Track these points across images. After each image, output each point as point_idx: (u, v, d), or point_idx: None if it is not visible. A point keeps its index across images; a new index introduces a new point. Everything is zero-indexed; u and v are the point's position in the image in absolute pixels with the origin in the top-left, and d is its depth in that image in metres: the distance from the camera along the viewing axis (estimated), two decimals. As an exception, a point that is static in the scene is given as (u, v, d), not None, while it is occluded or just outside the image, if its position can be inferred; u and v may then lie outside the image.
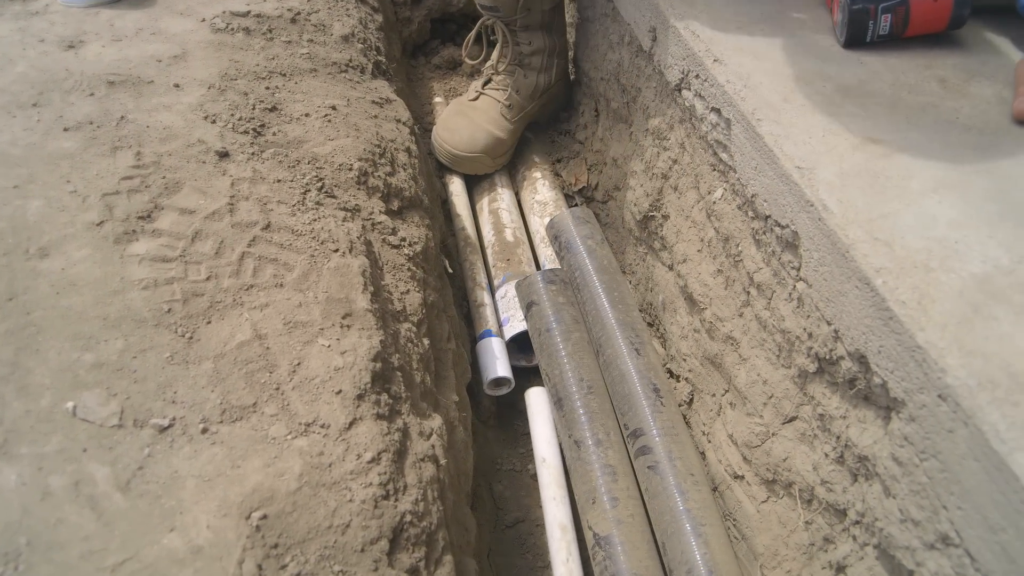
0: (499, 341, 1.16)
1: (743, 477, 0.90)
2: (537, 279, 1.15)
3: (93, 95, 0.88)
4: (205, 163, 0.82)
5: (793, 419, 0.81)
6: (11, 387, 0.59)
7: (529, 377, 1.19)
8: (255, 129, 0.89)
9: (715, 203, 0.93)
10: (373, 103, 1.06)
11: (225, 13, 1.08)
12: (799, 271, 0.75)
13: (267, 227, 0.77)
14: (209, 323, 0.67)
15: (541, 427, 1.05)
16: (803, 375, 0.77)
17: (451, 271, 1.16)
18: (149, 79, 0.93)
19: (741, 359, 0.90)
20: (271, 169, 0.84)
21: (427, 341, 0.85)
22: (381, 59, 1.22)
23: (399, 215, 0.95)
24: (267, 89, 0.97)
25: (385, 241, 0.87)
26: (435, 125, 1.48)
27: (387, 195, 0.93)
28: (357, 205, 0.86)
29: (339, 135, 0.94)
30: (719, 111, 0.88)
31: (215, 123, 0.88)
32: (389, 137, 1.02)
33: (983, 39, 0.94)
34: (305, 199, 0.82)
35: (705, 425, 1.01)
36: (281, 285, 0.72)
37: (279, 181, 0.83)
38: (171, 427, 0.60)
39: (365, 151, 0.94)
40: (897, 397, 0.61)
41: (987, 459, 0.52)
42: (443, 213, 1.37)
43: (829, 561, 0.75)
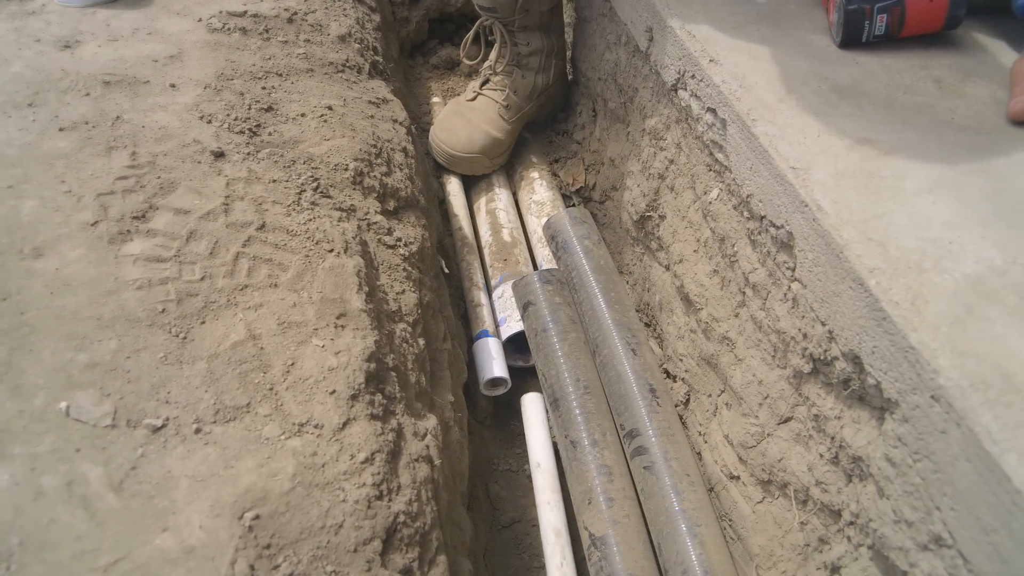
0: (496, 341, 1.16)
1: (739, 478, 0.90)
2: (534, 279, 1.15)
3: (89, 95, 0.88)
4: (200, 163, 0.82)
5: (788, 420, 0.81)
6: (4, 387, 0.59)
7: (526, 377, 1.19)
8: (251, 129, 0.89)
9: (711, 203, 0.93)
10: (370, 103, 1.06)
11: (222, 13, 1.08)
12: (794, 271, 0.75)
13: (262, 227, 0.77)
14: (203, 323, 0.67)
15: (536, 432, 1.05)
16: (798, 376, 0.77)
17: (447, 271, 1.16)
18: (145, 79, 0.93)
19: (737, 359, 0.90)
20: (266, 169, 0.84)
21: (422, 341, 0.85)
22: (378, 59, 1.21)
23: (395, 215, 0.95)
24: (263, 89, 0.97)
25: (381, 241, 0.87)
26: (432, 125, 1.48)
27: (383, 195, 0.93)
28: (352, 205, 0.86)
29: (335, 135, 0.94)
30: (715, 111, 0.88)
31: (211, 123, 0.88)
32: (385, 137, 1.02)
33: (979, 39, 0.94)
34: (300, 199, 0.82)
35: (701, 425, 1.01)
36: (275, 285, 0.72)
37: (274, 181, 0.83)
38: (164, 427, 0.60)
39: (361, 151, 0.94)
40: (891, 398, 0.61)
41: (979, 460, 0.52)
42: (440, 213, 1.37)
43: (824, 562, 0.75)
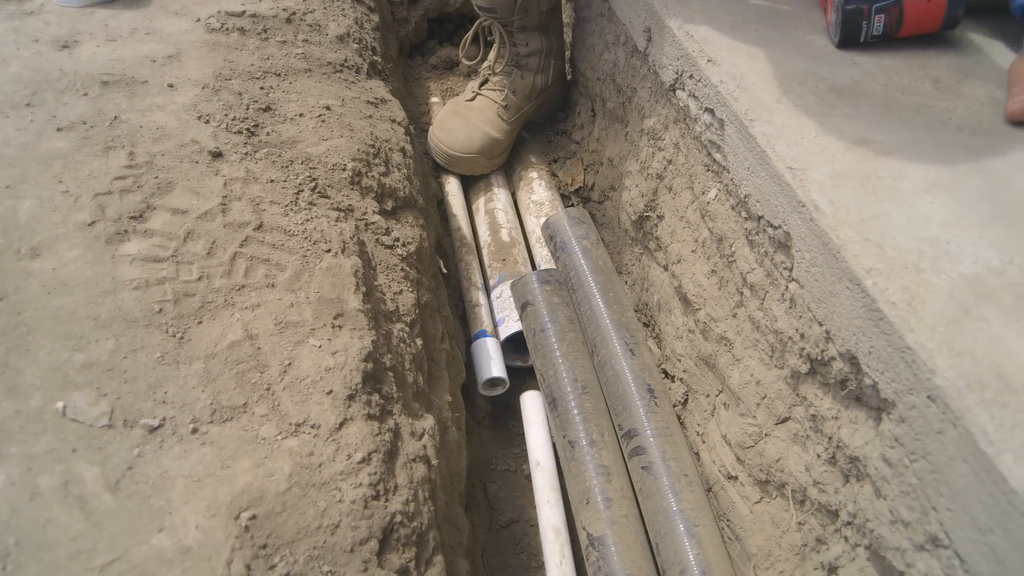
0: (494, 341, 1.16)
1: (736, 478, 0.90)
2: (532, 279, 1.15)
3: (87, 95, 0.88)
4: (198, 163, 0.82)
5: (786, 420, 0.81)
6: (1, 387, 0.59)
7: (524, 377, 1.19)
8: (249, 129, 0.89)
9: (709, 203, 0.93)
10: (368, 103, 1.06)
11: (220, 13, 1.08)
12: (791, 272, 0.75)
13: (259, 227, 0.77)
14: (200, 323, 0.68)
15: (535, 431, 1.05)
16: (795, 376, 0.77)
17: (445, 271, 1.16)
18: (143, 79, 0.93)
19: (735, 359, 0.90)
20: (264, 169, 0.84)
21: (420, 341, 0.85)
22: (377, 59, 1.21)
23: (393, 215, 0.95)
24: (261, 89, 0.97)
25: (378, 241, 0.87)
26: (431, 125, 1.48)
27: (381, 195, 0.93)
28: (350, 205, 0.86)
29: (333, 135, 0.94)
30: (713, 111, 0.88)
31: (209, 123, 0.88)
32: (384, 137, 1.02)
33: (977, 40, 0.94)
34: (298, 199, 0.82)
35: (699, 425, 1.01)
36: (273, 285, 0.72)
37: (272, 181, 0.83)
38: (161, 427, 0.60)
39: (359, 151, 0.94)
40: (887, 398, 0.61)
41: (975, 460, 0.52)
42: (439, 213, 1.37)
43: (821, 562, 0.75)
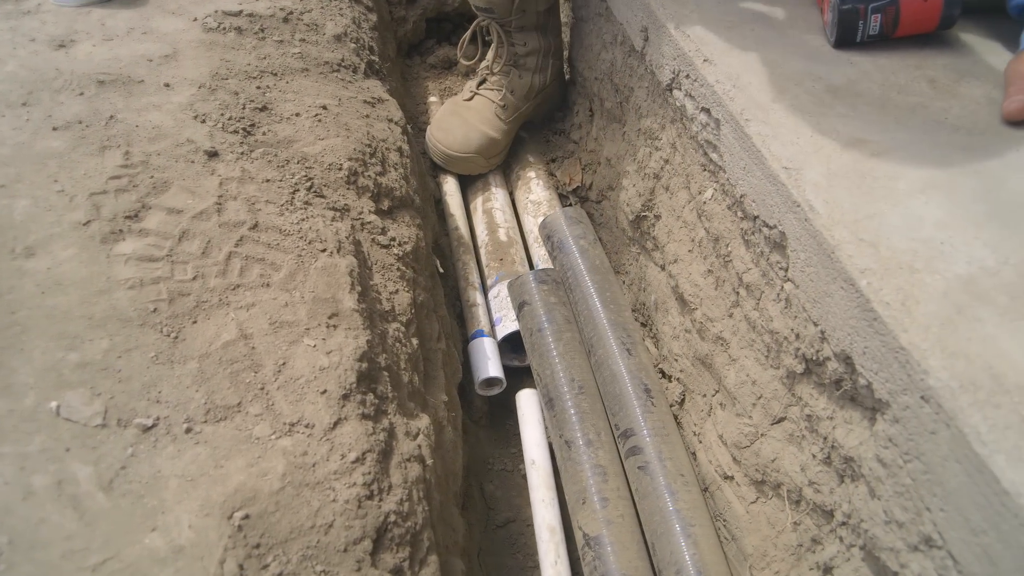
0: (491, 341, 1.16)
1: (733, 478, 0.90)
2: (529, 279, 1.15)
3: (83, 94, 0.88)
4: (194, 162, 0.82)
5: (782, 420, 0.81)
6: (-5, 386, 0.59)
7: (521, 377, 1.19)
8: (245, 129, 0.89)
9: (705, 203, 0.93)
10: (365, 103, 1.06)
11: (217, 12, 1.08)
12: (787, 272, 0.75)
13: (255, 227, 0.77)
14: (195, 323, 0.67)
15: (531, 430, 1.05)
16: (791, 376, 0.77)
17: (442, 271, 1.16)
18: (139, 78, 0.93)
19: (731, 359, 0.90)
20: (260, 169, 0.84)
21: (416, 341, 0.85)
22: (374, 59, 1.21)
23: (389, 215, 0.95)
24: (258, 88, 0.97)
25: (374, 241, 0.87)
26: (429, 125, 1.48)
27: (377, 195, 0.93)
28: (346, 205, 0.86)
29: (329, 135, 0.94)
30: (709, 111, 0.88)
31: (205, 122, 0.88)
32: (380, 137, 1.02)
33: (974, 40, 0.94)
34: (294, 199, 0.82)
35: (696, 425, 1.01)
36: (268, 285, 0.72)
37: (268, 181, 0.83)
38: (155, 427, 0.60)
39: (355, 151, 0.94)
40: (881, 398, 0.61)
41: (968, 461, 0.51)
42: (436, 213, 1.37)
43: (817, 562, 0.75)
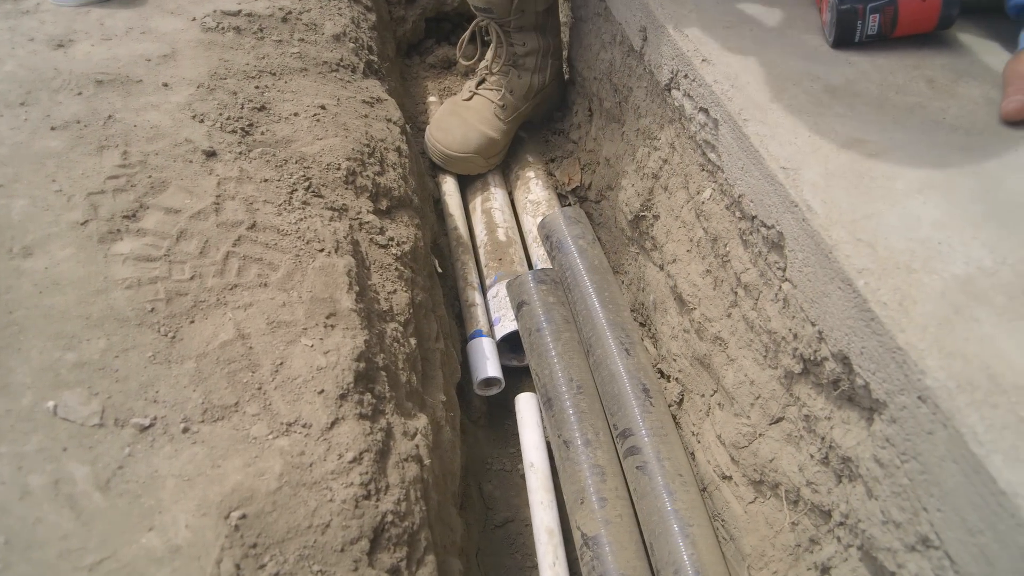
0: (490, 341, 1.16)
1: (731, 478, 0.90)
2: (528, 279, 1.15)
3: (81, 94, 0.88)
4: (192, 162, 0.82)
5: (780, 420, 0.81)
6: (-8, 386, 0.59)
7: (520, 377, 1.19)
8: (243, 128, 0.89)
9: (704, 203, 0.93)
10: (364, 102, 1.06)
11: (216, 12, 1.08)
12: (785, 272, 0.75)
13: (252, 227, 0.77)
14: (192, 322, 0.67)
15: (530, 433, 1.05)
16: (789, 376, 0.77)
17: (441, 271, 1.16)
18: (138, 78, 0.93)
19: (729, 359, 0.90)
20: (258, 168, 0.84)
21: (414, 341, 0.85)
22: (373, 58, 1.21)
23: (387, 215, 0.95)
24: (256, 88, 0.97)
25: (372, 241, 0.87)
26: (428, 125, 1.48)
27: (375, 195, 0.93)
28: (344, 205, 0.86)
29: (328, 134, 0.94)
30: (707, 111, 0.88)
31: (203, 122, 0.88)
32: (379, 136, 1.02)
33: (972, 40, 0.94)
34: (292, 199, 0.82)
35: (695, 425, 1.01)
36: (265, 285, 0.72)
37: (266, 180, 0.83)
38: (152, 426, 0.60)
39: (354, 150, 0.94)
40: (879, 398, 0.61)
41: (965, 461, 0.51)
42: (435, 213, 1.37)
43: (815, 562, 0.75)
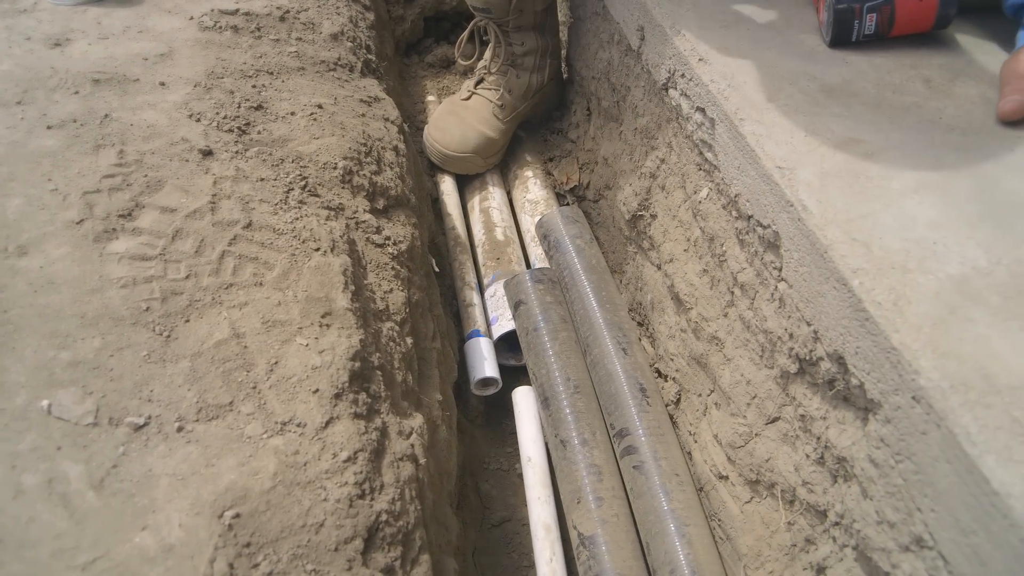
0: (487, 341, 1.16)
1: (727, 477, 0.90)
2: (525, 278, 1.15)
3: (78, 93, 0.88)
4: (188, 161, 0.82)
5: (776, 420, 0.81)
6: (-14, 385, 0.59)
7: (517, 376, 1.19)
8: (240, 127, 0.89)
9: (701, 203, 0.93)
10: (361, 101, 1.06)
11: (213, 11, 1.08)
12: (780, 271, 0.75)
13: (248, 226, 0.77)
14: (187, 321, 0.67)
15: (527, 426, 1.05)
16: (785, 376, 0.77)
17: (438, 270, 1.16)
18: (135, 77, 0.93)
19: (726, 359, 0.90)
20: (254, 168, 0.84)
21: (410, 340, 0.85)
22: (371, 57, 1.21)
23: (384, 214, 0.94)
24: (253, 87, 0.97)
25: (369, 240, 0.87)
26: (427, 124, 1.48)
27: (372, 194, 0.93)
28: (341, 204, 0.86)
29: (324, 134, 0.94)
30: (704, 110, 0.88)
31: (199, 121, 0.88)
32: (376, 136, 1.01)
33: (969, 39, 0.94)
34: (288, 198, 0.82)
35: (692, 425, 1.01)
36: (261, 284, 0.72)
37: (262, 180, 0.83)
38: (146, 426, 0.60)
39: (351, 150, 0.94)
40: (873, 398, 0.61)
41: (959, 462, 0.51)
42: (433, 212, 1.37)
43: (810, 562, 0.75)
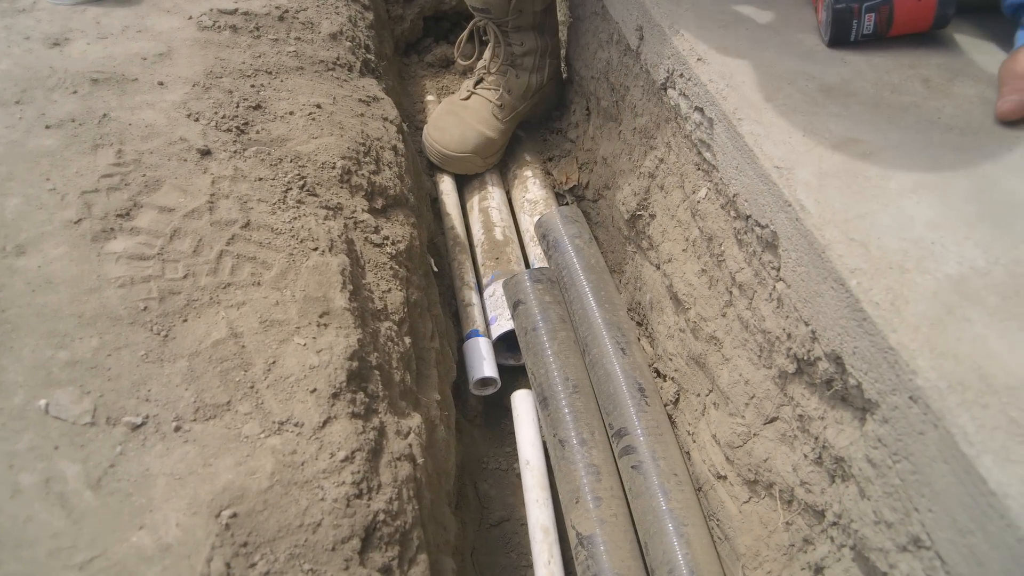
0: (486, 341, 1.16)
1: (726, 477, 0.90)
2: (524, 278, 1.15)
3: (76, 93, 0.88)
4: (186, 161, 0.82)
5: (774, 420, 0.81)
6: (-16, 384, 0.59)
7: (516, 376, 1.19)
8: (238, 127, 0.89)
9: (699, 202, 0.93)
10: (360, 101, 1.06)
11: (212, 11, 1.08)
12: (779, 271, 0.75)
13: (246, 225, 0.77)
14: (185, 321, 0.67)
15: (526, 430, 1.05)
16: (783, 376, 0.77)
17: (436, 270, 1.16)
18: (133, 77, 0.93)
19: (724, 359, 0.90)
20: (253, 167, 0.84)
21: (408, 340, 0.85)
22: (370, 57, 1.21)
23: (383, 214, 0.94)
24: (252, 87, 0.97)
25: (367, 240, 0.87)
26: (426, 124, 1.48)
27: (371, 193, 0.93)
28: (339, 203, 0.86)
29: (323, 133, 0.94)
30: (702, 110, 0.88)
31: (198, 121, 0.88)
32: (375, 135, 1.01)
33: (968, 39, 0.94)
34: (286, 197, 0.82)
35: (690, 425, 1.01)
36: (258, 283, 0.72)
37: (260, 179, 0.83)
38: (144, 425, 0.60)
39: (349, 149, 0.94)
40: (871, 398, 0.61)
41: (956, 462, 0.51)
42: (433, 212, 1.37)
43: (808, 562, 0.75)
